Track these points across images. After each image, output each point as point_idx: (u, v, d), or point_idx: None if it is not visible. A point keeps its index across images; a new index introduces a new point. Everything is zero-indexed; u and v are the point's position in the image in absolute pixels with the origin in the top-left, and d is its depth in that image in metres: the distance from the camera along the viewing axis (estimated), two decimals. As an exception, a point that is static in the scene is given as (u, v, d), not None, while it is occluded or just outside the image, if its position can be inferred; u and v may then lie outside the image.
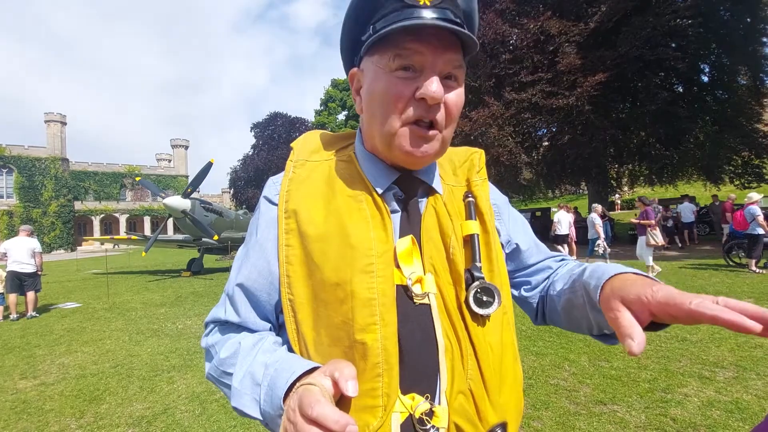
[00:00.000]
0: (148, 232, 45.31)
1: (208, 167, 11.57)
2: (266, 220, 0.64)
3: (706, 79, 14.19)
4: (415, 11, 0.54)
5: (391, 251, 0.57)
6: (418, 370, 0.54)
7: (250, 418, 0.53)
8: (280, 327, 0.64)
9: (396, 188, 0.63)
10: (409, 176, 0.63)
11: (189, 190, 11.67)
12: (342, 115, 43.21)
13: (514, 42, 14.10)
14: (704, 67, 14.00)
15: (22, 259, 6.81)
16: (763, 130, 13.45)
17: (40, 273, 7.16)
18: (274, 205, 0.64)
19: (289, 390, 0.47)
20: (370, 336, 0.52)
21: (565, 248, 10.79)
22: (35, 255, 6.98)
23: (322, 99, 44.32)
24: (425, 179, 0.65)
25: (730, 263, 8.34)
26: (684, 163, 14.85)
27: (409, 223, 0.62)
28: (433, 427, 0.52)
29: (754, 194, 7.74)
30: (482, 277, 0.59)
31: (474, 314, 0.57)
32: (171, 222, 20.58)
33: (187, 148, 60.38)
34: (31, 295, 6.93)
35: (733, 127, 13.15)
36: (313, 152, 0.68)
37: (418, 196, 0.64)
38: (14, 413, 3.11)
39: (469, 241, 0.62)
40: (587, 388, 3.01)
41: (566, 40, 12.79)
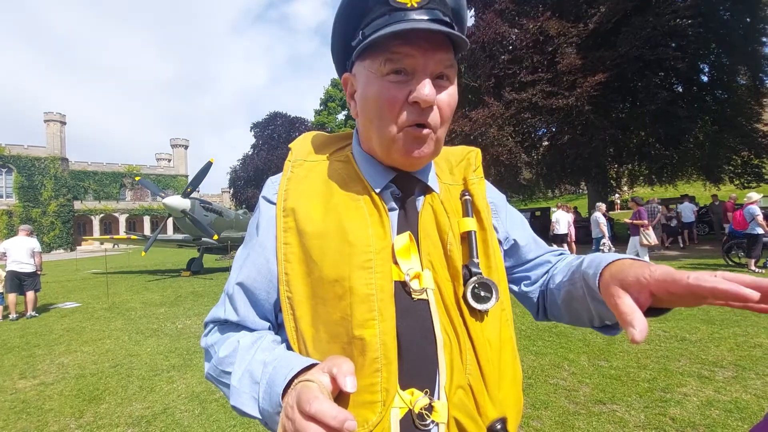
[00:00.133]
0: (147, 231, 45.30)
1: (208, 167, 11.57)
2: (265, 220, 0.64)
3: (706, 79, 14.22)
4: (403, 14, 0.53)
5: (389, 248, 0.58)
6: (416, 366, 0.54)
7: (250, 417, 0.53)
8: (279, 326, 0.64)
9: (393, 187, 0.64)
10: (406, 175, 0.64)
11: (189, 190, 11.68)
12: (342, 115, 43.13)
13: (513, 42, 14.10)
14: (704, 67, 14.02)
15: (21, 259, 6.81)
16: (762, 130, 13.47)
17: (39, 273, 7.16)
18: (273, 204, 0.64)
19: (287, 387, 0.47)
20: (369, 331, 0.53)
21: (565, 248, 10.82)
22: (35, 255, 6.99)
23: (322, 99, 44.25)
24: (422, 178, 0.65)
25: (730, 263, 8.36)
26: (683, 163, 14.87)
27: (407, 221, 0.62)
28: (433, 422, 0.52)
29: (754, 194, 7.77)
30: (480, 273, 0.59)
31: (472, 309, 0.57)
32: (171, 222, 20.63)
33: (186, 147, 60.42)
34: (30, 294, 6.93)
35: (732, 126, 13.17)
36: (311, 153, 0.69)
37: (416, 195, 0.65)
38: (13, 413, 3.11)
39: (467, 238, 0.62)
40: (586, 387, 3.02)
41: (565, 41, 12.80)
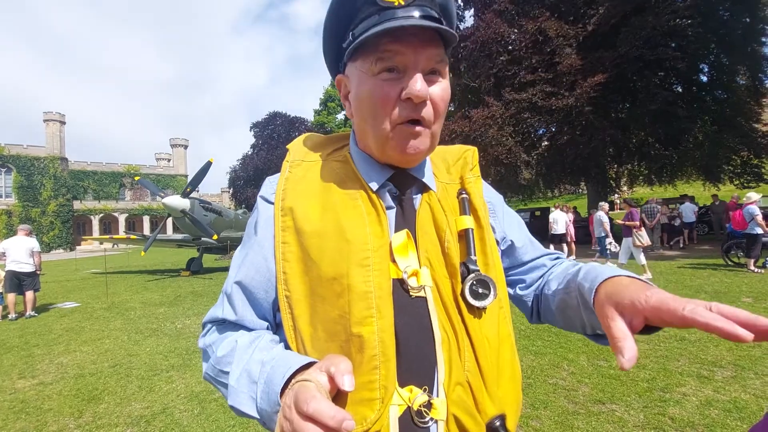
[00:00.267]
0: (147, 231, 45.29)
1: (208, 167, 11.56)
2: (263, 219, 0.64)
3: (706, 79, 14.22)
4: (392, 12, 0.54)
5: (387, 245, 0.58)
6: (415, 363, 0.54)
7: (248, 417, 0.53)
8: (278, 326, 0.64)
9: (390, 185, 0.64)
10: (403, 173, 0.64)
11: (188, 190, 11.66)
12: (341, 115, 43.07)
13: (513, 42, 14.12)
14: (703, 67, 14.02)
15: (20, 259, 6.81)
16: (762, 130, 13.48)
17: (38, 272, 7.16)
18: (271, 204, 0.64)
19: (285, 386, 0.47)
20: (367, 329, 0.53)
21: (564, 248, 10.81)
22: (34, 254, 6.98)
23: (322, 99, 44.20)
24: (419, 176, 0.65)
25: (729, 263, 8.36)
26: (683, 163, 14.89)
27: (404, 219, 0.62)
28: (432, 420, 0.52)
29: (753, 194, 7.79)
30: (477, 270, 0.59)
31: (470, 306, 0.58)
32: (170, 221, 20.59)
33: (186, 147, 60.37)
34: (29, 294, 6.93)
35: (732, 126, 13.18)
36: (309, 153, 0.69)
37: (413, 193, 0.65)
38: (12, 413, 3.10)
39: (464, 235, 0.62)
40: (586, 387, 3.02)
41: (564, 42, 12.81)
